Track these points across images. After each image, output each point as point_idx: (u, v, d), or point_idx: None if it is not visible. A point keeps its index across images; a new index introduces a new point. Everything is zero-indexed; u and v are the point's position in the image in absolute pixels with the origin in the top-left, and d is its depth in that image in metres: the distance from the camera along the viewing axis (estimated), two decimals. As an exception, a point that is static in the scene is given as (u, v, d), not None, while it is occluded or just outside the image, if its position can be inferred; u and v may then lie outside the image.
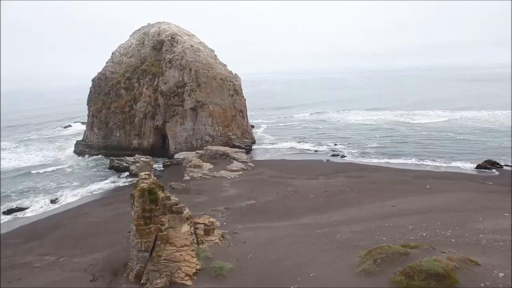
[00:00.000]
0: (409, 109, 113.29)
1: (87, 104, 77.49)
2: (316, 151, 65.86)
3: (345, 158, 60.02)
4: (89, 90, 78.21)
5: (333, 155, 61.89)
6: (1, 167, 63.98)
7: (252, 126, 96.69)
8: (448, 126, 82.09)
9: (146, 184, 24.95)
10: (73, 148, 75.67)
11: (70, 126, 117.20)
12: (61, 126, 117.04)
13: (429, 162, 55.14)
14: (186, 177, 50.36)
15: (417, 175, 47.34)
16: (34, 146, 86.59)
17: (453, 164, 53.53)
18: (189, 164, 53.10)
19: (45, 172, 60.48)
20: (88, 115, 77.15)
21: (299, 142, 73.41)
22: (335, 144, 70.22)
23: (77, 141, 77.37)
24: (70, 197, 48.34)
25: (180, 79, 66.62)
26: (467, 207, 31.56)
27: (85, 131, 77.40)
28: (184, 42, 68.64)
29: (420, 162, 55.31)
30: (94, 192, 49.96)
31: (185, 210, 27.97)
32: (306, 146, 70.09)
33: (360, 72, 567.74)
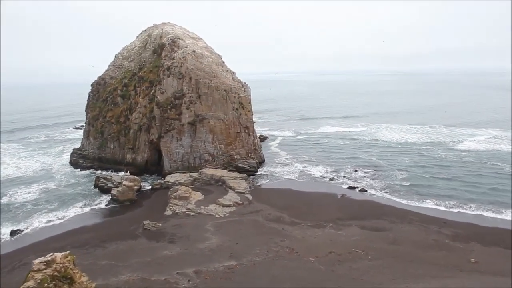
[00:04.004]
0: (451, 124, 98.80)
1: (85, 110, 71.86)
2: (331, 179, 55.50)
3: (365, 193, 49.35)
4: (87, 95, 72.49)
5: (350, 187, 51.51)
6: None
7: (266, 138, 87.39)
8: (500, 154, 67.33)
9: (34, 283, 16.70)
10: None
11: (82, 127, 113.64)
12: (73, 127, 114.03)
13: (473, 209, 43.48)
14: (168, 212, 42.26)
15: (457, 233, 36.19)
16: (38, 150, 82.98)
17: (506, 215, 41.58)
18: (174, 194, 44.92)
19: (29, 189, 55.02)
20: (85, 122, 71.59)
21: (315, 165, 63.24)
22: (356, 170, 59.53)
23: (73, 149, 72.11)
24: (35, 226, 42.26)
25: (179, 89, 58.61)
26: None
27: (82, 139, 71.86)
28: (186, 47, 60.37)
29: (460, 209, 43.67)
30: (65, 221, 43.49)
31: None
32: (322, 171, 59.83)
33: (391, 75, 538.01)
